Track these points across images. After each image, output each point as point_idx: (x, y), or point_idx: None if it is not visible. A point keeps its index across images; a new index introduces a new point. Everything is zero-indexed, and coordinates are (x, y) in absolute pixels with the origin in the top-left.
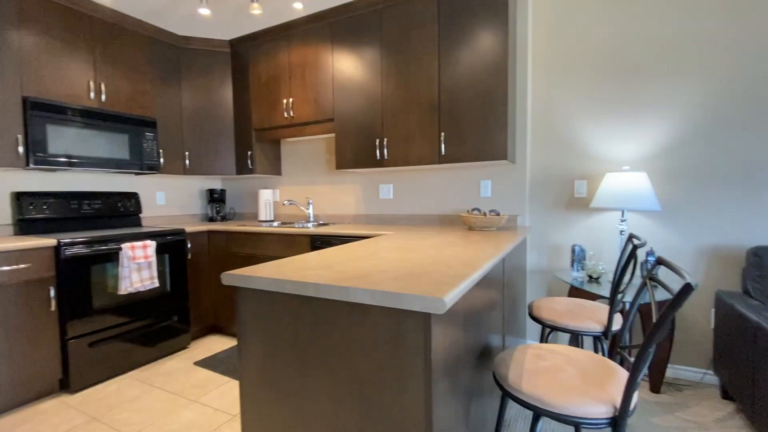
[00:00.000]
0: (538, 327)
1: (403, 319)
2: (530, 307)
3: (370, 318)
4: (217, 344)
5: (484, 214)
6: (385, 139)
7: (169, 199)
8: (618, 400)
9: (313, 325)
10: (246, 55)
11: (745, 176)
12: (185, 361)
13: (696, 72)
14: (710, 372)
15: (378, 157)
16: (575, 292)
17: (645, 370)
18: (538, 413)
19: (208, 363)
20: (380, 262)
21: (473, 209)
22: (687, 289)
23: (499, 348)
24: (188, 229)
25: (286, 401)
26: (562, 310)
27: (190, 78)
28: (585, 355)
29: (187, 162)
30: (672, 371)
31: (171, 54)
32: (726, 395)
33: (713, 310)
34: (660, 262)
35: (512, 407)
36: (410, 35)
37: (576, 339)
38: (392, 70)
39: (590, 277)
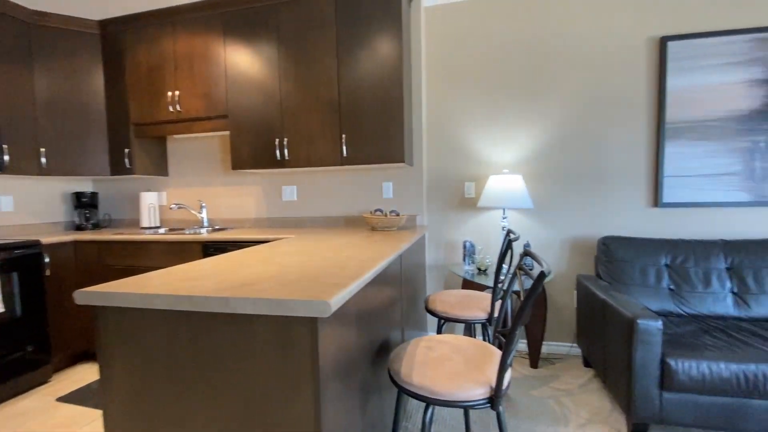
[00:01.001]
0: (436, 319)
1: (289, 326)
2: (426, 301)
3: (256, 328)
4: (88, 374)
5: (386, 215)
6: (286, 139)
7: (20, 204)
8: (494, 381)
9: (191, 343)
10: (121, 40)
11: (595, 178)
12: (45, 398)
13: (558, 91)
14: (575, 345)
15: (278, 158)
16: (467, 284)
17: (525, 349)
18: (428, 402)
19: (75, 397)
20: (273, 267)
21: (376, 210)
22: (541, 276)
23: (399, 343)
24: (45, 240)
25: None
26: (453, 301)
27: (46, 61)
28: (469, 342)
29: (44, 160)
30: (546, 348)
31: (18, 30)
32: (587, 363)
33: (575, 291)
34: (527, 253)
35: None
36: (309, 36)
37: (469, 327)
38: (291, 68)
39: (479, 269)
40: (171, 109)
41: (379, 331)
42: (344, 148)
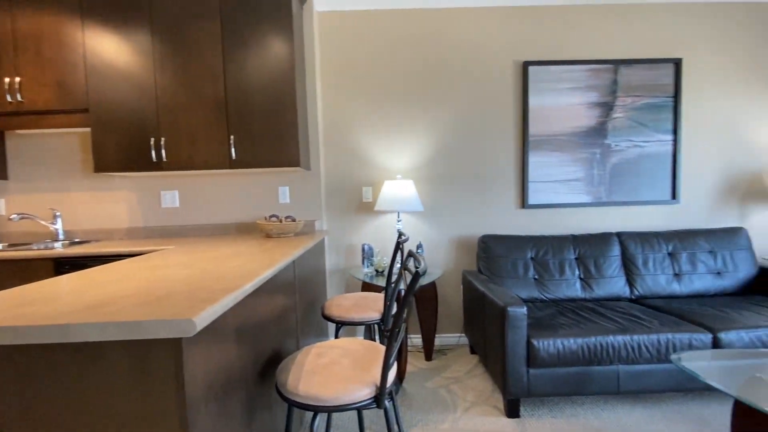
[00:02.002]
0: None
1: (149, 351)
2: (323, 307)
3: (108, 358)
4: None
5: (281, 221)
6: (163, 139)
7: None
8: (379, 379)
9: (19, 384)
10: None
11: (476, 183)
12: None
13: (445, 103)
14: (463, 335)
15: (155, 159)
16: (366, 286)
17: (421, 344)
18: (315, 411)
19: None
20: (135, 284)
21: (271, 216)
22: (416, 276)
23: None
24: None
25: None
26: (349, 305)
27: None
28: (360, 344)
29: None
30: (439, 340)
31: None
32: (473, 351)
33: (462, 286)
34: (410, 254)
35: None
36: (190, 25)
37: (370, 329)
38: (169, 60)
39: (377, 271)
40: (9, 98)
41: (268, 343)
42: (233, 150)
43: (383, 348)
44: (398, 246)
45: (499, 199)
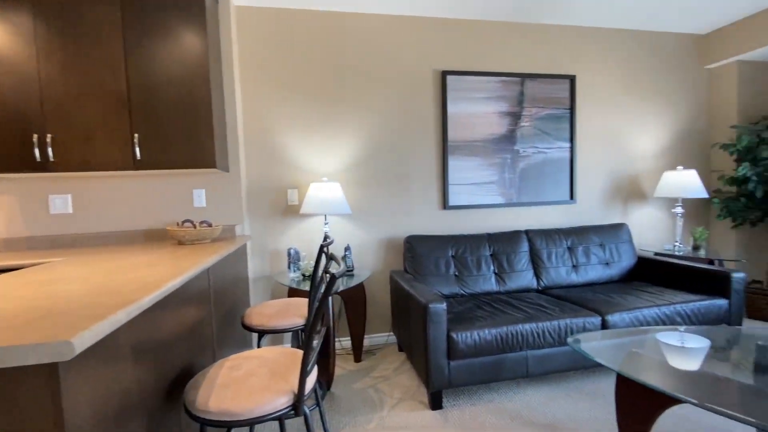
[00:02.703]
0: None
1: (17, 380)
2: (242, 316)
3: None
4: None
5: (195, 226)
6: (50, 136)
7: None
8: (297, 387)
9: None
10: None
11: (402, 185)
12: None
13: (370, 106)
14: (392, 334)
15: (39, 159)
16: (293, 292)
17: (350, 345)
18: (229, 427)
19: None
20: (6, 304)
21: (185, 221)
22: (332, 278)
23: None
24: None
25: None
26: (271, 313)
27: None
28: (278, 352)
29: None
30: (369, 340)
31: None
32: (401, 348)
33: (390, 286)
34: (330, 257)
35: None
36: (82, 9)
37: (297, 336)
38: (57, 47)
39: (304, 275)
40: None
41: (176, 360)
42: (137, 149)
43: (302, 354)
44: (322, 249)
45: (423, 201)
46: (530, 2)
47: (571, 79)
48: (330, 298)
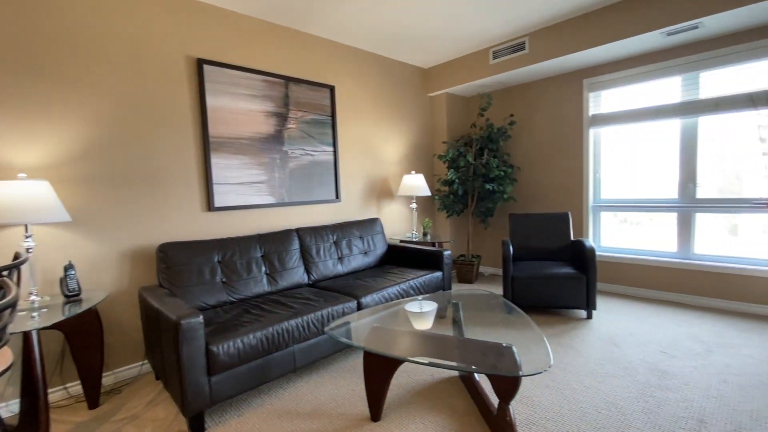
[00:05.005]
0: None
1: None
2: None
3: None
4: None
5: None
6: None
7: None
8: None
9: None
10: None
11: (151, 185)
12: None
13: (93, 88)
14: (146, 362)
15: None
16: None
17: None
18: None
19: None
20: None
21: None
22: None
23: None
24: None
25: None
26: None
27: None
28: None
29: None
30: (112, 378)
31: None
32: (158, 377)
33: (139, 306)
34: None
35: None
36: None
37: None
38: None
39: None
40: None
41: None
42: None
43: None
44: (11, 270)
45: (180, 203)
46: (284, 4)
47: (331, 89)
48: (34, 334)
